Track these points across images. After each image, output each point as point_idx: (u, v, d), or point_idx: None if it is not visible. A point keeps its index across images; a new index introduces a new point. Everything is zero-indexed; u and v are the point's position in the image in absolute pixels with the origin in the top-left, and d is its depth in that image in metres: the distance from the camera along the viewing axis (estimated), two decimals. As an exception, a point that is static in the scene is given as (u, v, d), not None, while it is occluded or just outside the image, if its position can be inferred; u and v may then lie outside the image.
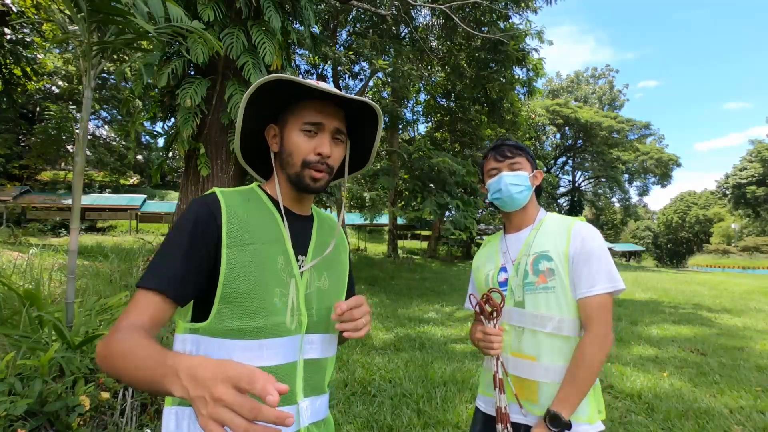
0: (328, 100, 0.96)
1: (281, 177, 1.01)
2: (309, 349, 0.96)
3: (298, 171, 0.96)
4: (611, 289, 1.23)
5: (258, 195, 1.00)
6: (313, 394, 0.97)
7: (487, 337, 1.27)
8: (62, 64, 21.23)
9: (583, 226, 1.32)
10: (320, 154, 0.94)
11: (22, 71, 14.45)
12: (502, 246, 1.43)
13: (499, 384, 1.27)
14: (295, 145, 0.95)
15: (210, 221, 0.88)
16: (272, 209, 0.98)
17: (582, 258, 1.26)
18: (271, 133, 1.01)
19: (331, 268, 1.05)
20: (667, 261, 58.55)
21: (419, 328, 6.43)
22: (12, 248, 7.94)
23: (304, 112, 0.95)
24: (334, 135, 0.97)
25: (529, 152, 1.43)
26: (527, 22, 14.23)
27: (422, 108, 20.34)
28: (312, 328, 0.96)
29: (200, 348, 0.87)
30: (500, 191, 1.36)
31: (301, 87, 0.92)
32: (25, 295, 2.69)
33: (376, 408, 3.31)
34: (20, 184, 23.49)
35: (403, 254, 22.92)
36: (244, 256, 0.88)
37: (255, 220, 0.94)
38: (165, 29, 2.68)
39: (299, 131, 0.95)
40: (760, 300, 11.43)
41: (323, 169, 0.96)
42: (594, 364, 1.20)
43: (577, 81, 52.36)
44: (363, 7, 12.80)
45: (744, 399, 3.76)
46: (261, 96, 0.95)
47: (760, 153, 49.19)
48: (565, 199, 43.81)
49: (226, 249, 0.87)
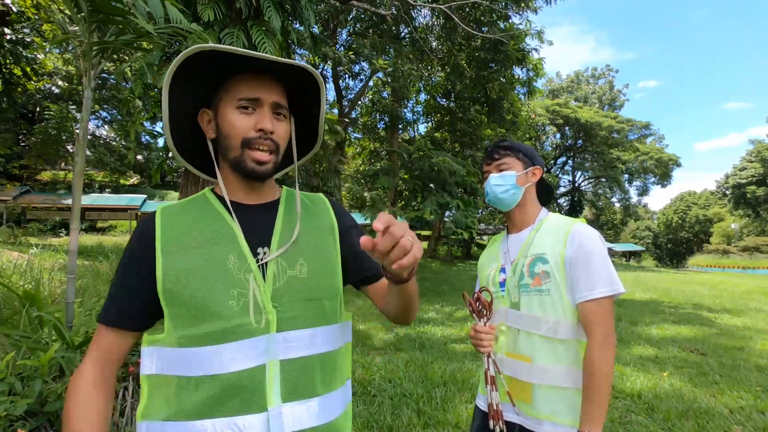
0: (262, 70, 0.86)
1: (224, 166, 0.91)
2: (285, 348, 0.85)
3: (239, 154, 0.86)
4: (611, 292, 1.21)
5: (206, 198, 0.93)
6: (298, 398, 0.84)
7: (478, 334, 1.29)
8: (62, 64, 21.24)
9: (581, 228, 1.29)
10: (261, 129, 0.85)
11: (22, 71, 14.45)
12: (503, 246, 1.44)
13: (491, 381, 1.28)
14: (231, 124, 0.85)
15: (144, 241, 0.86)
16: (219, 207, 0.90)
17: (580, 261, 1.23)
18: (204, 118, 0.91)
19: (307, 253, 0.91)
20: (667, 261, 58.55)
21: (419, 328, 6.43)
22: (12, 248, 7.94)
23: (238, 87, 0.85)
24: (275, 110, 0.88)
25: (523, 150, 1.40)
26: (527, 22, 14.24)
27: (422, 108, 20.33)
28: (287, 324, 0.86)
29: (162, 359, 0.84)
30: (488, 193, 1.40)
31: (230, 58, 0.81)
32: (25, 295, 2.69)
33: (376, 408, 3.31)
34: (20, 184, 23.50)
35: (403, 254, 22.86)
36: (184, 263, 0.83)
37: (195, 223, 0.87)
38: (165, 30, 2.68)
39: (235, 109, 0.85)
40: (760, 300, 11.43)
41: (268, 146, 0.86)
42: (605, 371, 1.17)
43: (577, 81, 52.36)
44: (363, 7, 12.80)
45: (744, 399, 3.76)
46: (188, 76, 0.84)
47: (760, 153, 49.20)
48: (565, 199, 43.79)
49: (162, 258, 0.83)
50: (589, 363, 1.18)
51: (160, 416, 0.82)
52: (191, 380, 0.81)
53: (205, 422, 0.79)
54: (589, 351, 1.20)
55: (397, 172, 15.67)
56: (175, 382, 0.82)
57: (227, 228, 0.87)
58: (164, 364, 0.84)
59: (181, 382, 0.82)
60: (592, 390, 1.16)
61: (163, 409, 0.82)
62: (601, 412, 1.15)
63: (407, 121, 19.28)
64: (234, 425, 0.79)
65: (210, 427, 0.79)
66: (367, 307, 7.77)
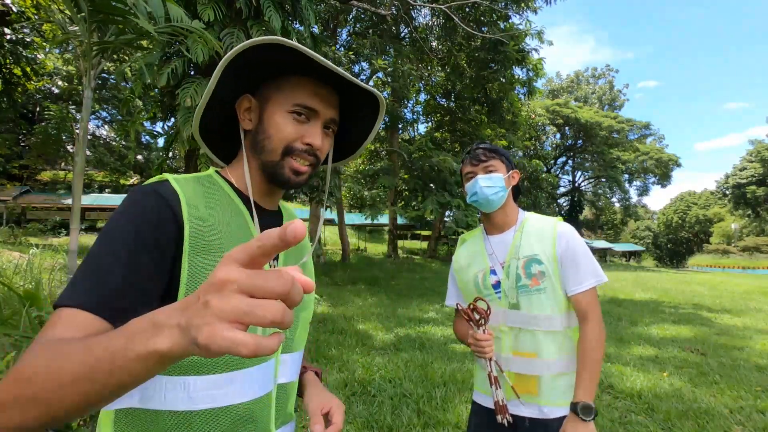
0: (324, 79, 0.78)
1: (252, 163, 0.81)
2: (282, 371, 0.80)
3: (277, 159, 0.77)
4: (597, 283, 1.36)
5: (219, 185, 0.79)
6: (282, 424, 0.81)
7: (479, 342, 1.33)
8: (62, 64, 21.25)
9: (565, 227, 1.41)
10: (309, 144, 0.77)
11: (22, 71, 14.46)
12: (487, 248, 1.47)
13: (495, 381, 1.34)
14: (278, 127, 0.76)
15: (167, 220, 0.66)
16: (238, 204, 0.79)
17: (568, 258, 1.36)
18: (244, 105, 0.80)
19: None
20: (667, 261, 58.56)
21: (419, 328, 6.43)
22: (12, 248, 7.94)
23: (296, 90, 0.77)
24: (326, 125, 0.81)
25: (504, 154, 1.48)
26: (527, 22, 14.26)
27: (422, 108, 20.35)
28: (287, 346, 0.81)
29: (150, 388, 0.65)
30: (476, 194, 1.42)
31: (297, 58, 0.71)
32: (25, 295, 2.68)
33: (376, 408, 3.30)
34: (20, 184, 23.51)
35: (403, 254, 22.94)
36: (209, 268, 0.68)
37: (221, 219, 0.73)
38: (165, 29, 2.68)
39: (286, 113, 0.77)
40: (760, 300, 11.43)
41: (310, 160, 0.79)
42: (598, 350, 1.31)
43: (577, 81, 52.39)
44: (363, 7, 12.81)
45: (744, 399, 3.76)
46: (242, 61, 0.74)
47: (760, 153, 49.22)
48: (565, 199, 43.83)
49: (188, 258, 0.66)
50: (585, 344, 1.32)
51: None
52: (193, 415, 0.66)
53: None
54: (586, 333, 1.34)
55: (397, 172, 15.68)
56: (166, 418, 0.65)
57: (248, 233, 0.78)
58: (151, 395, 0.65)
59: (173, 419, 0.65)
60: (587, 366, 1.30)
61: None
62: (594, 385, 1.30)
63: (407, 121, 19.29)
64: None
65: None
66: (367, 307, 7.77)
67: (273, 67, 0.76)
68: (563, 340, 1.36)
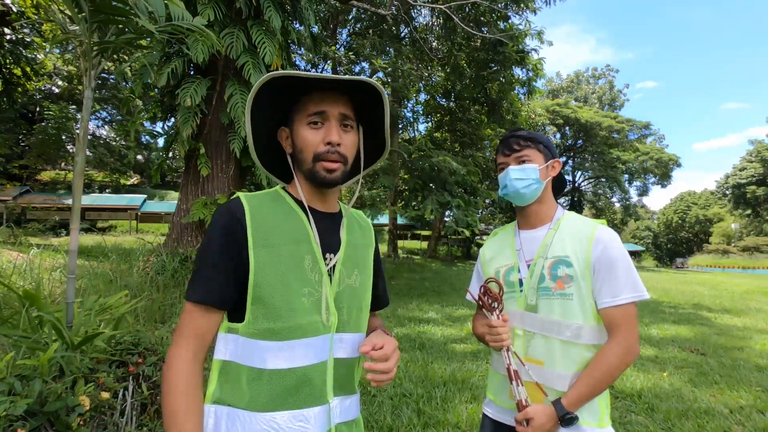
0: (327, 88, 0.95)
1: (300, 176, 1.00)
2: (339, 347, 0.96)
3: (311, 167, 0.94)
4: (636, 298, 1.18)
5: (282, 196, 1.00)
6: (343, 393, 0.97)
7: (494, 330, 1.22)
8: (62, 64, 21.25)
9: (606, 232, 1.24)
10: (330, 143, 0.93)
11: (22, 71, 14.45)
12: (516, 242, 1.35)
13: (515, 376, 1.20)
14: (303, 140, 0.94)
15: (235, 225, 0.89)
16: (297, 209, 0.98)
17: (603, 266, 1.19)
18: (283, 135, 1.01)
19: (360, 266, 1.04)
20: (667, 261, 58.53)
21: (419, 328, 6.43)
22: (12, 248, 7.94)
23: (306, 105, 0.95)
24: (342, 122, 0.95)
25: (543, 141, 1.32)
26: (527, 23, 14.25)
27: (422, 108, 20.34)
28: (342, 326, 0.97)
29: (238, 347, 0.90)
30: (506, 186, 1.30)
31: (301, 81, 0.91)
32: (25, 295, 2.68)
33: (376, 408, 3.30)
34: (20, 184, 23.49)
35: (403, 254, 22.94)
36: (271, 257, 0.89)
37: (280, 221, 0.94)
38: (166, 28, 2.68)
39: (306, 126, 0.94)
40: (760, 300, 11.44)
41: (336, 158, 0.93)
42: (612, 370, 1.15)
43: (577, 81, 52.36)
44: (363, 7, 12.80)
45: (744, 399, 3.76)
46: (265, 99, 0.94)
47: (759, 153, 49.24)
48: (565, 199, 43.77)
49: (253, 250, 0.89)
50: (601, 356, 1.16)
51: (233, 404, 0.89)
52: (263, 373, 0.88)
53: (276, 414, 0.87)
54: (606, 347, 1.17)
55: (397, 172, 15.67)
56: (246, 372, 0.88)
57: (305, 231, 0.96)
58: (238, 353, 0.90)
59: (252, 373, 0.88)
60: (593, 378, 1.15)
61: (235, 397, 0.88)
62: (588, 400, 1.16)
63: (407, 120, 19.29)
64: (302, 416, 0.89)
65: (280, 419, 0.87)
66: (367, 307, 7.73)
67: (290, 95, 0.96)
68: (586, 354, 1.19)
